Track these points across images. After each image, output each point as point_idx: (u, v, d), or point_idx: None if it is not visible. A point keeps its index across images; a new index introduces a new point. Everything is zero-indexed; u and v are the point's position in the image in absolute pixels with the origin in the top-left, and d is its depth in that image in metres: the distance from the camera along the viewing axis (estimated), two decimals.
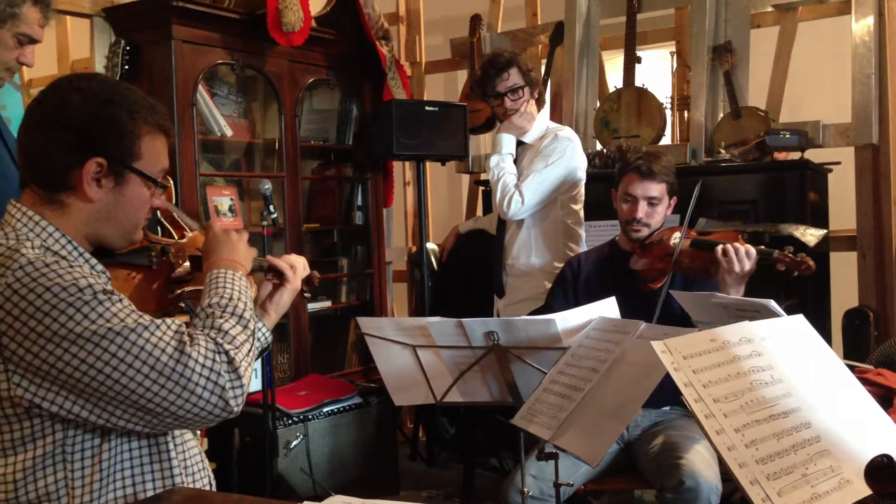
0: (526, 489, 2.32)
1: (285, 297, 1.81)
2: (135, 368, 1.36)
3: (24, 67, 2.29)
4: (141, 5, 3.61)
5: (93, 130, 1.47)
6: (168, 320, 1.43)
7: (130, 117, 1.49)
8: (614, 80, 4.49)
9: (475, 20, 4.77)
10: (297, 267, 1.82)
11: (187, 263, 1.72)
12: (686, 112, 4.21)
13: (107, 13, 3.53)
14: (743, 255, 2.45)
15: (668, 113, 4.19)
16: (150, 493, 1.51)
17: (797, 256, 2.40)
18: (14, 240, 1.45)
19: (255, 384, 3.31)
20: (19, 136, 1.51)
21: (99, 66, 3.48)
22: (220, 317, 1.49)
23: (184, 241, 1.78)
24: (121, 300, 1.41)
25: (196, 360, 1.39)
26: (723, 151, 3.83)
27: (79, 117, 1.46)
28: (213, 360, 1.40)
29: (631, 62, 4.17)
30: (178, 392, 1.38)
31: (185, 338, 1.41)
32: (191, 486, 1.59)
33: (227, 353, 1.42)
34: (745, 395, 1.34)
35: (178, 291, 1.71)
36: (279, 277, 1.81)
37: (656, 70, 4.70)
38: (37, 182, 1.50)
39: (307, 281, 1.89)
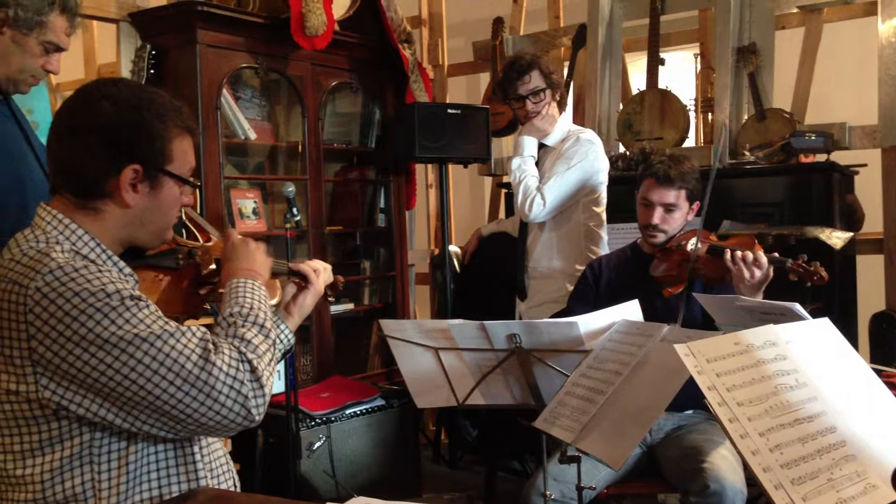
0: (548, 492, 2.31)
1: (308, 300, 1.84)
2: (160, 375, 1.38)
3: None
4: (166, 10, 3.65)
5: (127, 138, 1.49)
6: (193, 328, 1.45)
7: (160, 122, 1.52)
8: (637, 82, 4.47)
9: (497, 23, 4.77)
10: (320, 271, 1.85)
11: (213, 266, 1.74)
12: (710, 114, 4.19)
13: (133, 18, 3.56)
14: (751, 263, 2.43)
15: (692, 115, 4.16)
16: (175, 495, 1.52)
17: (810, 266, 2.37)
18: (44, 243, 1.47)
19: (279, 386, 3.33)
20: (50, 143, 1.53)
21: (125, 71, 3.52)
22: (243, 326, 1.51)
23: (210, 244, 1.80)
24: (148, 306, 1.43)
25: (220, 369, 1.40)
26: (747, 154, 3.81)
27: (112, 125, 1.48)
28: (237, 369, 1.42)
29: (654, 64, 4.15)
30: (202, 400, 1.39)
31: (210, 346, 1.43)
32: (216, 487, 1.60)
33: (250, 362, 1.44)
34: (770, 399, 1.33)
35: (204, 293, 1.73)
36: (303, 280, 1.83)
37: (680, 72, 4.68)
38: (71, 190, 1.52)
39: (331, 286, 1.91)
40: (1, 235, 1.62)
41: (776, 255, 2.46)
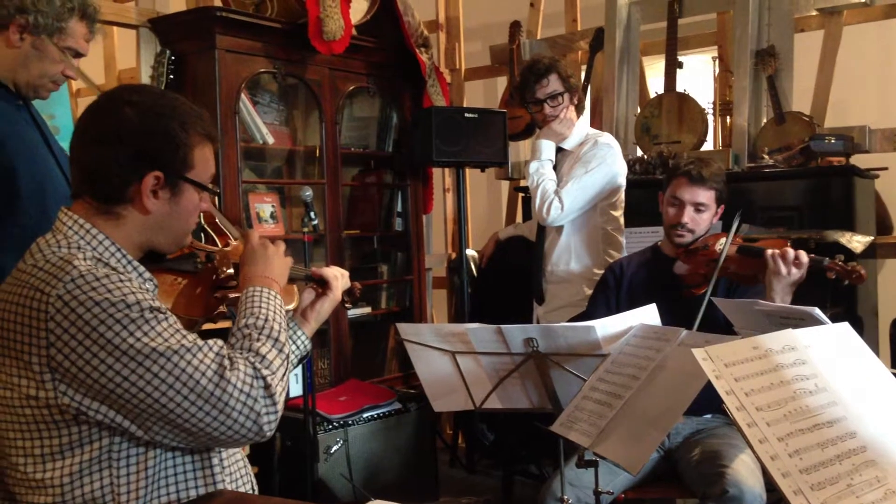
0: (565, 497, 2.30)
1: (326, 307, 1.85)
2: (174, 390, 1.39)
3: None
4: (185, 15, 3.68)
5: (150, 145, 1.50)
6: (210, 342, 1.46)
7: (183, 129, 1.53)
8: (655, 85, 4.46)
9: (515, 27, 4.77)
10: (338, 277, 1.86)
11: (231, 270, 1.75)
12: (728, 117, 4.17)
13: (152, 24, 3.59)
14: (791, 261, 2.42)
15: (710, 118, 4.15)
16: (193, 499, 1.53)
17: (848, 265, 2.36)
18: (66, 248, 1.48)
19: (296, 389, 3.34)
20: (73, 148, 1.54)
21: (145, 76, 3.55)
22: (258, 339, 1.51)
23: (228, 248, 1.81)
24: (167, 318, 1.44)
25: (235, 386, 1.41)
26: (766, 157, 3.79)
27: (135, 133, 1.49)
28: (251, 386, 1.43)
29: (672, 67, 4.14)
30: (215, 415, 1.41)
31: (226, 362, 1.43)
32: (234, 490, 1.61)
33: (264, 378, 1.45)
34: (789, 404, 1.32)
35: (221, 297, 1.74)
36: (321, 286, 1.83)
37: (698, 75, 4.66)
38: (93, 195, 1.53)
39: (348, 292, 1.92)
40: (23, 240, 1.64)
41: (813, 255, 2.45)
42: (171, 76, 3.45)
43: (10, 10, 2.12)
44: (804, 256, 2.42)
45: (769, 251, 2.45)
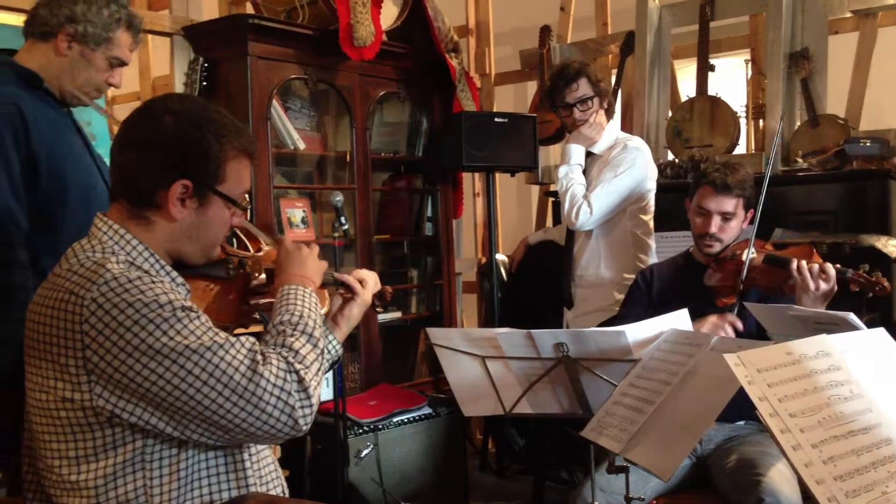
0: (595, 502, 2.29)
1: (356, 311, 1.84)
2: (209, 386, 1.40)
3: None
4: (218, 23, 3.72)
5: (181, 153, 1.52)
6: (242, 338, 1.47)
7: (217, 142, 1.54)
8: (687, 89, 4.43)
9: (545, 31, 4.76)
10: (367, 281, 1.85)
11: (263, 276, 1.76)
12: (761, 120, 4.13)
13: (186, 32, 3.64)
14: (817, 274, 2.38)
15: (742, 122, 4.11)
16: (225, 501, 1.55)
17: (871, 276, 2.32)
18: (100, 253, 1.50)
19: (327, 393, 3.36)
20: (113, 151, 1.57)
21: (178, 83, 3.60)
22: (291, 335, 1.52)
23: (260, 254, 1.82)
24: (199, 317, 1.46)
25: (268, 380, 1.42)
26: (800, 160, 3.74)
27: (169, 139, 1.52)
28: (285, 380, 1.44)
29: (704, 70, 4.11)
30: (250, 410, 1.42)
31: (259, 357, 1.45)
32: (265, 493, 1.62)
33: (297, 372, 1.46)
34: (823, 411, 1.31)
35: (254, 303, 1.75)
36: (350, 291, 1.84)
37: (730, 78, 4.62)
38: (126, 198, 1.56)
39: (379, 296, 1.91)
40: (70, 243, 1.67)
41: (837, 265, 2.41)
42: (205, 83, 3.49)
43: (59, 18, 2.19)
44: (831, 269, 2.38)
45: (794, 265, 2.41)
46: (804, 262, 2.40)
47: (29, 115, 2.10)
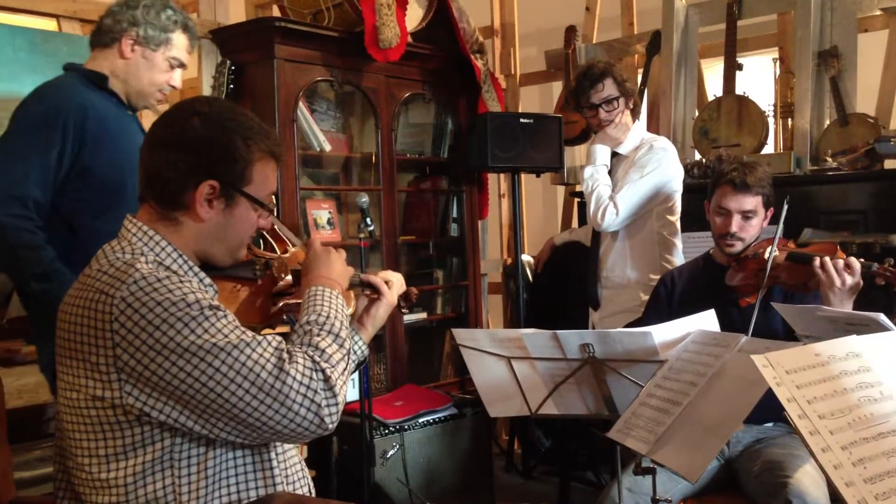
0: None
1: (381, 312, 1.86)
2: (236, 384, 1.41)
3: None
4: (245, 26, 3.75)
5: (209, 155, 1.54)
6: (269, 337, 1.48)
7: (245, 143, 1.57)
8: (714, 88, 4.40)
9: (570, 31, 4.75)
10: (392, 282, 1.87)
11: (289, 277, 1.77)
12: (790, 119, 4.09)
13: (214, 35, 3.67)
14: (842, 269, 2.35)
15: (770, 121, 4.07)
16: (252, 500, 1.56)
17: None
18: (130, 254, 1.53)
19: (353, 394, 3.37)
20: (142, 153, 1.59)
21: (206, 86, 3.63)
22: (318, 335, 1.53)
23: (286, 255, 1.84)
24: (225, 316, 1.47)
25: (294, 378, 1.43)
26: (829, 160, 3.70)
27: (197, 141, 1.54)
28: (311, 378, 1.45)
29: (731, 70, 4.08)
30: (276, 408, 1.43)
31: (285, 355, 1.46)
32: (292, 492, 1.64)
33: (323, 371, 1.46)
34: (853, 412, 1.29)
35: (281, 304, 1.77)
36: (376, 292, 1.85)
37: (757, 77, 4.59)
38: (154, 199, 1.58)
39: (404, 297, 1.93)
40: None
41: (861, 259, 2.38)
42: (232, 85, 3.53)
43: (123, 24, 2.39)
44: (855, 263, 2.35)
45: (816, 261, 2.39)
46: (828, 258, 2.38)
47: (91, 112, 2.30)
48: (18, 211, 2.22)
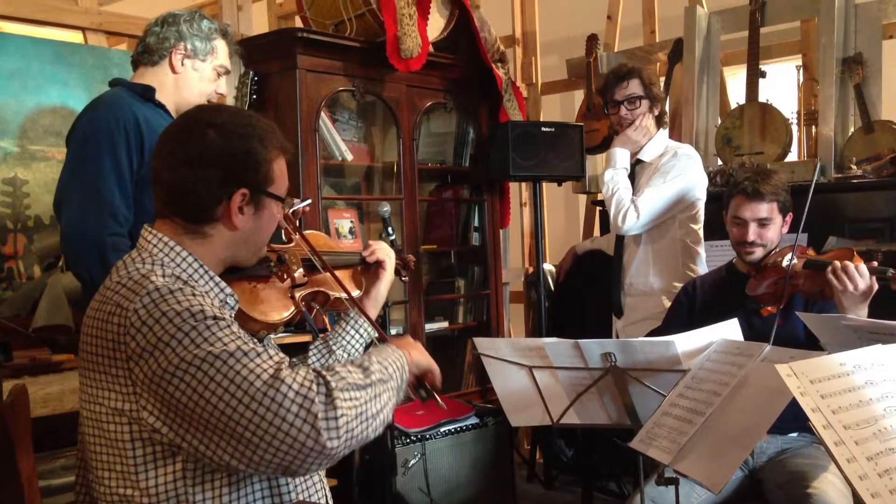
0: None
1: (382, 288, 2.02)
2: (229, 393, 1.36)
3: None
4: (268, 37, 3.78)
5: (236, 165, 1.56)
6: (271, 351, 1.45)
7: (262, 146, 1.59)
8: (736, 95, 4.38)
9: (591, 40, 4.75)
10: (390, 256, 2.04)
11: (301, 269, 1.84)
12: (814, 127, 4.06)
13: (237, 46, 3.70)
14: (854, 274, 2.34)
15: (794, 128, 4.04)
16: None
17: None
18: (149, 265, 1.53)
19: None
20: (158, 170, 1.58)
21: (230, 97, 3.66)
22: (344, 365, 1.48)
23: (292, 245, 1.88)
24: (229, 325, 1.45)
25: (289, 386, 1.36)
26: (854, 167, 3.67)
27: (222, 155, 1.55)
28: (309, 388, 1.36)
29: (754, 77, 4.06)
30: (270, 419, 1.34)
31: (284, 366, 1.40)
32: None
33: (327, 384, 1.38)
34: (878, 423, 1.28)
35: (300, 296, 1.83)
36: (377, 267, 2.02)
37: (781, 84, 4.56)
38: (180, 215, 1.58)
39: (403, 265, 2.04)
40: None
41: (875, 264, 2.37)
42: (254, 96, 3.56)
43: (171, 40, 2.45)
44: (865, 268, 2.35)
45: (829, 266, 2.38)
46: (837, 263, 2.37)
47: (144, 124, 2.33)
48: (115, 229, 2.26)
